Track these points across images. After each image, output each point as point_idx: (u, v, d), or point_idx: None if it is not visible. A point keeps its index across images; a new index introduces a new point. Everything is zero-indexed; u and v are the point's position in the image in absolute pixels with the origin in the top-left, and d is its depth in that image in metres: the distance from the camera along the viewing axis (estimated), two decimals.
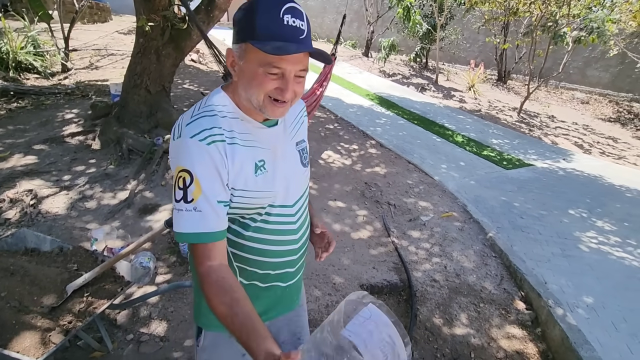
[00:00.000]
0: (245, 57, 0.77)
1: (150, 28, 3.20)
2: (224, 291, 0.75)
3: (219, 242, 0.79)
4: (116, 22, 9.74)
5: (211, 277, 0.76)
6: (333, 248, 1.05)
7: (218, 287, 0.75)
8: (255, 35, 0.74)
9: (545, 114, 7.47)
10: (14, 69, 5.22)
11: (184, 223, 0.77)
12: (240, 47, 0.77)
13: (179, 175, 0.76)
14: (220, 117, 0.80)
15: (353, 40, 12.18)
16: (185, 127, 0.78)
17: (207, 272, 0.77)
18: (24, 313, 1.34)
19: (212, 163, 0.77)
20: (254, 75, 0.77)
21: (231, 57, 0.80)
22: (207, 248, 0.78)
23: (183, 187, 0.76)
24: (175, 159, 0.79)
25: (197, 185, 0.75)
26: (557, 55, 8.05)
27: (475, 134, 5.75)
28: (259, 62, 0.75)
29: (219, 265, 0.78)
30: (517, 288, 2.52)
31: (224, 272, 0.78)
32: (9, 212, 2.57)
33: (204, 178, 0.76)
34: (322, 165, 3.94)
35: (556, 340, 2.06)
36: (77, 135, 3.69)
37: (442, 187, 3.81)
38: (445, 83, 8.92)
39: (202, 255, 0.78)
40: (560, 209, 3.65)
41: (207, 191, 0.76)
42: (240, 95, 0.81)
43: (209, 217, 0.77)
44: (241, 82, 0.79)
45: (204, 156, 0.76)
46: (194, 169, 0.76)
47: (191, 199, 0.76)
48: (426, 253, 2.78)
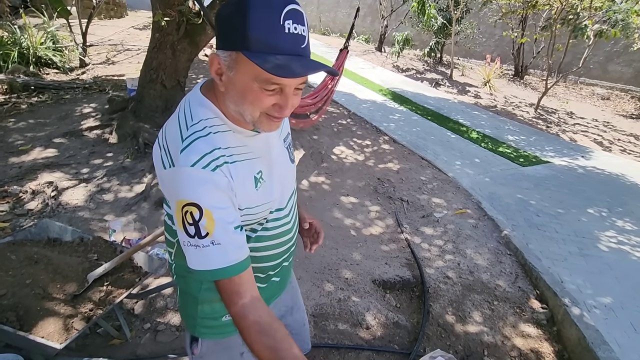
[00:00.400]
0: (237, 69, 0.65)
1: (166, 23, 3.24)
2: (265, 335, 0.70)
3: (246, 272, 0.72)
4: (132, 17, 9.87)
5: (249, 320, 0.70)
6: (322, 238, 1.03)
7: (258, 330, 0.70)
8: (249, 44, 0.61)
9: (563, 110, 7.27)
10: (34, 64, 5.36)
11: (205, 260, 0.70)
12: (229, 55, 0.65)
13: (184, 209, 0.67)
14: (214, 135, 0.71)
15: (366, 34, 12.06)
16: (179, 154, 0.67)
17: (243, 313, 0.71)
18: (48, 300, 1.38)
19: (220, 190, 0.69)
20: (247, 90, 0.66)
21: (217, 64, 0.68)
22: (235, 283, 0.71)
23: (193, 223, 0.67)
24: (172, 192, 0.69)
25: (209, 217, 0.67)
26: (577, 49, 7.82)
27: (491, 130, 5.65)
28: (253, 77, 0.65)
29: (251, 302, 0.72)
30: (533, 286, 2.49)
31: (259, 310, 0.72)
32: (31, 203, 2.66)
33: (216, 208, 0.68)
34: (334, 161, 3.93)
35: (572, 340, 2.03)
36: (95, 129, 3.78)
37: (456, 183, 3.76)
38: (460, 78, 8.77)
39: (232, 292, 0.71)
40: (579, 208, 3.57)
41: (221, 221, 0.68)
42: (229, 107, 0.71)
43: (229, 248, 0.70)
44: (231, 95, 0.69)
45: (210, 185, 0.67)
46: (201, 201, 0.67)
47: (205, 233, 0.68)
48: (439, 250, 2.76)
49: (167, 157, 0.70)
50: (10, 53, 5.13)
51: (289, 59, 0.63)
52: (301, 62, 0.64)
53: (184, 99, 0.78)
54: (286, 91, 0.67)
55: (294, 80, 0.67)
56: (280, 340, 0.69)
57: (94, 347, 1.72)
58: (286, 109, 0.69)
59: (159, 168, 0.72)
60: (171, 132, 0.72)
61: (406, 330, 2.08)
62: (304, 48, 0.65)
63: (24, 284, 1.40)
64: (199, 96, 0.75)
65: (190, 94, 0.77)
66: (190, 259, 0.71)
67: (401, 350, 1.94)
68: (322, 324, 2.02)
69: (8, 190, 2.73)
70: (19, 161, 3.13)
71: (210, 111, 0.73)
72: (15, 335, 1.23)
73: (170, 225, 0.83)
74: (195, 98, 0.75)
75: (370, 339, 1.98)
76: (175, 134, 0.71)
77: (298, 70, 0.63)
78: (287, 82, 0.66)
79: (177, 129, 0.71)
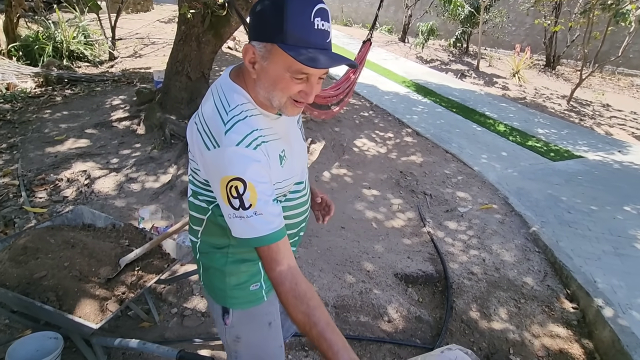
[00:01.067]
0: (271, 59, 0.75)
1: (192, 15, 3.28)
2: (300, 299, 0.76)
3: (283, 241, 0.80)
4: (157, 11, 10.07)
5: (285, 285, 0.78)
6: (333, 210, 1.13)
7: (294, 295, 0.77)
8: (285, 38, 0.71)
9: (598, 102, 6.89)
10: (67, 57, 5.57)
11: (249, 229, 0.78)
12: (264, 46, 0.74)
13: (229, 185, 0.75)
14: (250, 118, 0.80)
15: (389, 25, 11.80)
16: (224, 135, 0.76)
17: (280, 279, 0.78)
18: (84, 282, 1.45)
19: (261, 166, 0.77)
20: (279, 78, 0.76)
21: (251, 54, 0.77)
22: (273, 250, 0.78)
23: (237, 196, 0.75)
24: (217, 170, 0.77)
25: (252, 190, 0.75)
26: (615, 37, 7.35)
27: (519, 123, 5.43)
28: (286, 67, 0.74)
29: (288, 269, 0.79)
30: (563, 285, 2.39)
31: (296, 278, 0.79)
32: (67, 190, 2.79)
33: (258, 182, 0.76)
34: (356, 153, 3.90)
35: (605, 342, 1.94)
36: (123, 120, 3.90)
37: (482, 178, 3.66)
38: (487, 69, 8.46)
39: (271, 259, 0.79)
40: (614, 205, 3.39)
41: (262, 194, 0.77)
42: (259, 93, 0.80)
43: (269, 217, 0.78)
44: (262, 82, 0.78)
45: (252, 162, 0.76)
46: (245, 175, 0.75)
47: (249, 204, 0.76)
48: (463, 245, 2.70)
49: (210, 139, 0.78)
50: (46, 47, 5.36)
51: (318, 52, 0.72)
52: (327, 55, 0.73)
53: (214, 86, 0.85)
54: (311, 80, 0.77)
55: (318, 71, 0.76)
56: (313, 308, 0.76)
57: (125, 329, 1.80)
58: (310, 95, 0.79)
59: (202, 150, 0.79)
60: (211, 117, 0.80)
61: (428, 325, 2.05)
62: (328, 42, 0.75)
63: (63, 266, 1.47)
64: (230, 83, 0.83)
65: (221, 81, 0.85)
66: (236, 229, 0.79)
67: (423, 344, 1.92)
68: (344, 315, 2.02)
69: (46, 178, 2.88)
70: (54, 151, 3.29)
71: (243, 97, 0.81)
72: (55, 314, 1.30)
73: (197, 204, 0.91)
74: (227, 85, 0.83)
75: (392, 332, 1.97)
76: (216, 118, 0.79)
77: (326, 62, 0.72)
78: (314, 72, 0.76)
79: (217, 114, 0.79)
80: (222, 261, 0.94)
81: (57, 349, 1.39)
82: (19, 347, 1.39)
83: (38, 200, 2.65)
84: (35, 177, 2.89)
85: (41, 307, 1.30)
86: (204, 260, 0.98)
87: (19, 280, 1.40)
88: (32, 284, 1.40)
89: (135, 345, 1.33)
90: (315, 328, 0.74)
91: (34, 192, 2.73)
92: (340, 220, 2.83)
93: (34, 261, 1.47)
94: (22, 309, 1.49)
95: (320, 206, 1.13)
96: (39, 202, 2.64)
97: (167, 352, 1.27)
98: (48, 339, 1.43)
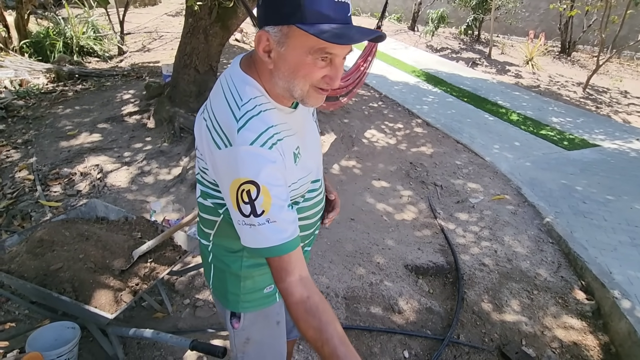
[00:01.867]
0: (288, 43, 0.66)
1: (199, 7, 3.26)
2: (311, 314, 0.69)
3: (296, 250, 0.73)
4: (165, 4, 10.06)
5: (295, 297, 0.71)
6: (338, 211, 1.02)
7: (304, 309, 0.70)
8: (303, 17, 0.62)
9: (616, 89, 6.68)
10: (78, 53, 5.63)
11: (260, 238, 0.70)
12: (280, 30, 0.66)
13: (241, 188, 0.68)
14: (264, 113, 0.72)
15: (398, 13, 11.57)
16: (236, 133, 0.68)
17: (290, 290, 0.71)
18: (99, 274, 1.48)
19: (276, 167, 0.70)
20: (300, 64, 0.67)
21: (265, 41, 0.68)
22: (284, 260, 0.71)
23: (249, 201, 0.68)
24: (229, 171, 0.69)
25: (266, 194, 0.68)
26: (635, 21, 7.08)
27: (533, 111, 5.30)
28: (308, 49, 0.66)
29: (299, 280, 0.72)
30: (577, 277, 2.35)
31: (308, 289, 0.72)
32: (80, 184, 2.84)
33: (273, 185, 0.69)
34: (365, 145, 3.87)
35: (621, 334, 1.91)
36: (134, 114, 3.94)
37: (494, 168, 3.59)
38: (499, 57, 8.26)
39: (281, 269, 0.72)
40: (631, 194, 3.30)
41: (277, 199, 0.69)
42: (276, 84, 0.72)
43: (283, 225, 0.70)
44: (280, 71, 0.69)
45: (268, 162, 0.69)
46: (259, 178, 0.67)
47: (262, 211, 0.68)
48: (475, 236, 2.66)
49: (221, 137, 0.70)
50: (56, 43, 5.42)
51: (343, 27, 0.64)
52: (355, 29, 0.65)
53: (224, 77, 0.77)
54: (336, 62, 0.69)
55: (344, 50, 0.68)
56: (325, 323, 0.69)
57: (139, 319, 1.84)
58: (336, 80, 0.71)
59: (212, 149, 0.71)
60: (221, 112, 0.72)
61: (439, 316, 2.05)
62: (349, 16, 0.67)
63: (78, 258, 1.50)
64: (242, 74, 0.75)
65: (231, 72, 0.77)
66: (245, 237, 0.72)
67: (434, 335, 1.91)
68: (354, 306, 2.03)
69: (60, 173, 2.94)
70: (68, 145, 3.34)
71: (256, 89, 0.73)
72: (72, 304, 1.33)
73: (207, 205, 0.84)
74: (238, 76, 0.75)
75: (403, 323, 1.97)
76: (227, 114, 0.71)
77: (356, 36, 0.64)
78: (338, 51, 0.67)
79: (228, 109, 0.71)
80: (237, 265, 0.88)
81: (75, 338, 1.43)
82: (38, 336, 1.43)
83: (53, 194, 2.71)
84: (50, 172, 2.95)
85: (58, 298, 1.34)
86: (218, 264, 0.91)
87: (37, 272, 1.44)
88: (49, 275, 1.43)
89: (150, 334, 1.36)
90: (328, 346, 0.67)
91: (48, 187, 2.79)
92: (350, 212, 2.82)
93: (50, 253, 1.51)
94: (40, 300, 1.53)
95: (329, 204, 1.03)
96: (54, 196, 2.70)
97: (181, 341, 1.30)
98: (66, 329, 1.47)
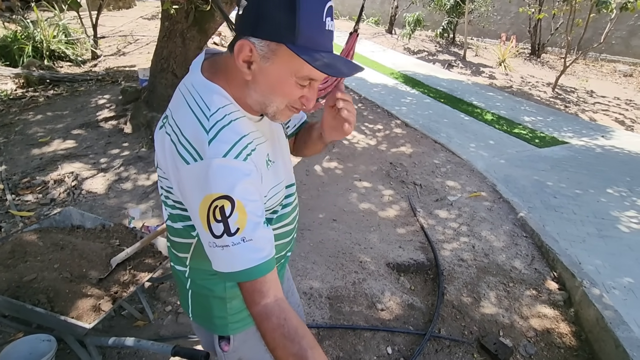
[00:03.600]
0: (274, 60, 0.64)
1: (175, 11, 3.23)
2: (290, 340, 0.63)
3: (272, 271, 0.67)
4: (140, 7, 9.86)
5: (271, 322, 0.64)
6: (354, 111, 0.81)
7: (282, 334, 0.64)
8: (295, 39, 0.60)
9: (583, 89, 7.02)
10: (48, 57, 5.44)
11: (234, 261, 0.64)
12: (267, 45, 0.62)
13: (213, 205, 0.62)
14: (235, 122, 0.68)
15: (376, 16, 11.77)
16: (207, 145, 0.63)
17: (265, 314, 0.65)
18: (75, 283, 1.44)
19: (251, 181, 0.65)
20: (282, 82, 0.66)
21: (248, 52, 0.64)
22: (259, 282, 0.65)
23: (222, 219, 0.62)
24: (199, 187, 0.63)
25: (242, 211, 0.62)
26: (598, 24, 7.47)
27: (506, 111, 5.51)
28: (293, 71, 0.64)
29: (274, 302, 0.66)
30: (550, 268, 2.46)
31: (284, 312, 0.66)
32: (54, 192, 2.75)
33: (248, 201, 0.64)
34: (346, 146, 3.92)
35: (590, 321, 2.01)
36: (110, 119, 3.85)
37: (470, 166, 3.71)
38: (473, 59, 8.52)
39: (254, 292, 0.65)
40: (597, 188, 3.48)
41: (252, 215, 0.64)
42: (250, 96, 0.69)
43: (260, 244, 0.65)
44: (259, 85, 0.67)
45: (243, 176, 0.64)
46: (234, 192, 0.62)
47: (236, 229, 0.62)
48: (453, 233, 2.75)
49: (189, 151, 0.64)
50: (25, 47, 5.22)
51: (331, 57, 0.64)
52: (343, 62, 0.65)
53: (184, 87, 0.72)
54: (314, 85, 0.69)
55: (323, 76, 0.67)
56: (305, 349, 0.63)
57: (119, 329, 1.80)
58: (312, 101, 0.70)
59: (179, 165, 0.65)
60: (188, 124, 0.66)
61: (421, 311, 2.10)
62: (332, 44, 0.66)
63: (52, 268, 1.46)
64: (205, 82, 0.70)
65: (192, 80, 0.71)
66: (217, 261, 0.66)
67: (416, 331, 1.96)
68: (338, 306, 2.05)
69: (32, 181, 2.83)
70: (40, 153, 3.23)
71: (224, 98, 0.69)
72: (47, 315, 1.29)
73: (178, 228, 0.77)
74: (201, 84, 0.69)
75: (386, 320, 2.01)
76: (194, 126, 0.66)
77: (345, 70, 0.64)
78: (319, 76, 0.67)
79: (195, 121, 0.66)
80: (220, 287, 0.82)
81: (51, 351, 1.39)
82: (11, 351, 1.38)
83: (25, 204, 2.61)
84: (21, 180, 2.84)
85: (32, 310, 1.29)
86: (198, 289, 0.84)
87: (8, 284, 1.39)
88: (22, 287, 1.39)
89: (130, 343, 1.33)
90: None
91: (20, 196, 2.69)
92: (332, 212, 2.85)
93: (23, 264, 1.46)
94: (13, 313, 1.47)
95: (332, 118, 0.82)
96: (26, 205, 2.60)
97: (162, 348, 1.28)
98: (41, 342, 1.43)
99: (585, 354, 1.94)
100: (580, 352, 1.95)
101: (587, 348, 1.96)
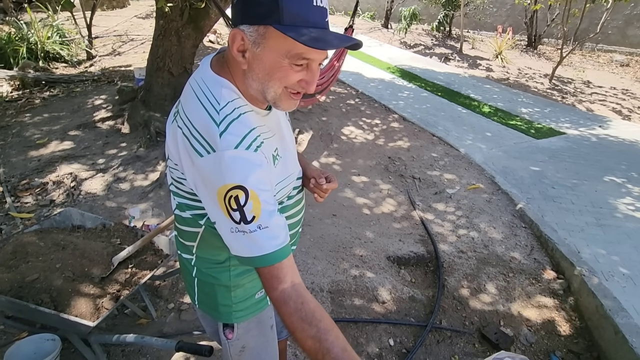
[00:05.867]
0: (265, 44, 0.64)
1: (170, 9, 3.21)
2: (308, 323, 0.65)
3: (289, 257, 0.70)
4: (134, 6, 9.80)
5: (289, 306, 0.66)
6: (335, 184, 0.93)
7: (300, 317, 0.66)
8: (281, 18, 0.60)
9: (579, 80, 7.02)
10: (43, 58, 5.41)
11: (253, 246, 0.67)
12: (256, 30, 0.63)
13: (228, 195, 0.64)
14: (244, 115, 0.69)
15: (372, 11, 11.72)
16: (219, 138, 0.65)
17: (283, 299, 0.67)
18: (78, 282, 1.45)
19: (263, 171, 0.68)
20: (276, 66, 0.66)
21: (240, 40, 0.65)
22: (277, 268, 0.68)
23: (238, 208, 0.65)
24: (214, 178, 0.66)
25: (256, 199, 0.65)
26: (594, 14, 7.46)
27: (503, 103, 5.51)
28: (285, 52, 0.64)
29: (291, 287, 0.68)
30: (549, 258, 2.48)
31: (301, 296, 0.67)
32: (54, 193, 2.75)
33: (261, 190, 0.66)
34: (344, 141, 3.92)
35: (590, 309, 2.03)
36: (107, 120, 3.83)
37: (469, 159, 3.72)
38: (470, 52, 8.51)
39: (272, 277, 0.68)
40: (595, 178, 3.50)
41: (266, 203, 0.66)
42: (250, 86, 0.70)
43: (275, 232, 0.67)
44: (255, 72, 0.67)
45: (255, 166, 0.66)
46: (247, 182, 0.65)
47: (252, 217, 0.65)
48: (453, 225, 2.76)
49: (202, 144, 0.67)
50: (19, 49, 5.19)
51: (321, 31, 0.63)
52: (333, 35, 0.64)
53: (194, 81, 0.74)
54: (312, 66, 0.68)
55: (320, 55, 0.67)
56: (324, 331, 0.64)
57: (122, 327, 1.81)
58: (312, 84, 0.69)
59: (194, 158, 0.67)
60: (199, 118, 0.69)
61: (422, 303, 2.11)
62: (327, 21, 0.66)
63: (54, 268, 1.47)
64: (214, 76, 0.71)
65: (202, 74, 0.73)
66: (236, 246, 0.69)
67: (417, 322, 1.98)
68: (339, 299, 2.06)
69: (30, 183, 2.83)
70: (37, 154, 3.22)
71: (232, 92, 0.71)
72: (51, 315, 1.30)
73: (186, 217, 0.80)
74: (211, 79, 0.72)
75: (387, 312, 2.02)
76: (205, 119, 0.68)
77: (334, 41, 0.63)
78: (315, 56, 0.66)
79: (206, 114, 0.68)
80: (225, 276, 0.85)
81: (55, 350, 1.40)
82: (16, 351, 1.39)
83: (24, 206, 2.61)
84: (20, 182, 2.84)
85: (36, 309, 1.30)
86: (203, 277, 0.87)
87: (11, 285, 1.39)
88: (24, 287, 1.39)
89: (133, 339, 1.35)
90: (329, 355, 0.63)
91: (19, 198, 2.68)
92: (332, 208, 2.86)
93: (25, 265, 1.47)
94: (16, 313, 1.48)
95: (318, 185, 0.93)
96: (25, 207, 2.60)
97: (166, 343, 1.29)
98: (45, 341, 1.43)
99: (585, 341, 1.96)
100: (580, 339, 1.97)
101: (586, 335, 1.99)
